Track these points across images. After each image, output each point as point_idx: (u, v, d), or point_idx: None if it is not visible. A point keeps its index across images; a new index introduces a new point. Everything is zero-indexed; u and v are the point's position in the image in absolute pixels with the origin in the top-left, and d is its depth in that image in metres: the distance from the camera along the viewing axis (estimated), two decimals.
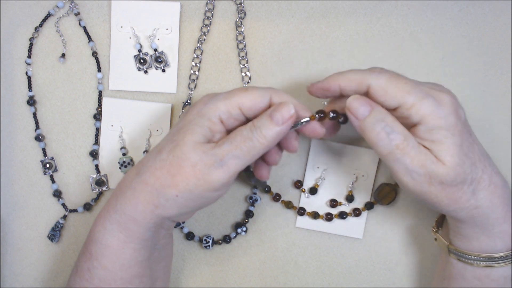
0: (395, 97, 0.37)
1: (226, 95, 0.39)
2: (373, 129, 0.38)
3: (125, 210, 0.39)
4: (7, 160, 0.52)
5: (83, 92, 0.52)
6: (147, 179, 0.39)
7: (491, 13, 0.49)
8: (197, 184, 0.37)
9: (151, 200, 0.39)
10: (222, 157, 0.37)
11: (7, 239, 0.53)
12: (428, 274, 0.51)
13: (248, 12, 0.51)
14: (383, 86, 0.38)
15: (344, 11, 0.50)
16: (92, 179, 0.52)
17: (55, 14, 0.51)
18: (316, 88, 0.41)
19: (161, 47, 0.51)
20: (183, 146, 0.37)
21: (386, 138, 0.37)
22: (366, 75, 0.38)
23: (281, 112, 0.38)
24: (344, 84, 0.39)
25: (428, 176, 0.38)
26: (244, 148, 0.37)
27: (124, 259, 0.40)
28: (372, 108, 0.38)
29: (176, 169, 0.37)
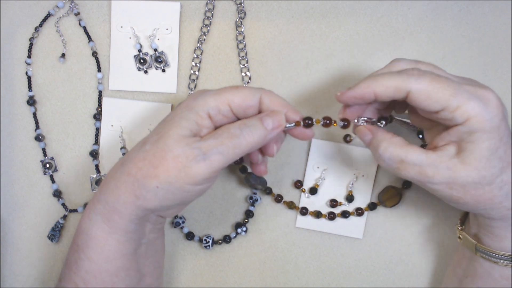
0: (438, 101, 0.36)
1: (216, 91, 0.40)
2: (374, 156, 0.40)
3: (108, 200, 0.40)
4: (7, 160, 0.52)
5: (83, 92, 0.52)
6: (129, 170, 0.39)
7: (491, 13, 0.49)
8: (178, 176, 0.37)
9: (132, 191, 0.38)
10: (206, 151, 0.37)
11: (7, 239, 0.53)
12: (428, 274, 0.51)
13: (248, 12, 0.51)
14: (425, 90, 0.36)
15: (344, 11, 0.50)
16: (92, 179, 0.52)
17: (55, 14, 0.51)
18: (347, 97, 0.39)
19: (161, 47, 0.51)
20: (167, 138, 0.37)
21: (385, 164, 0.39)
22: (405, 79, 0.37)
23: (272, 119, 0.39)
24: (380, 90, 0.38)
25: (446, 182, 0.37)
26: (229, 144, 0.37)
27: (109, 251, 0.40)
28: (373, 135, 0.40)
29: (158, 160, 0.37)
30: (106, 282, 0.41)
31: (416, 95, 0.37)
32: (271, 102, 0.40)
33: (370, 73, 0.49)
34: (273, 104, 0.40)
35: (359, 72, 0.50)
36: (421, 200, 0.51)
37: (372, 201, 0.51)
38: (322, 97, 0.50)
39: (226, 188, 0.52)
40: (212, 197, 0.52)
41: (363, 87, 0.38)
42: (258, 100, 0.40)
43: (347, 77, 0.50)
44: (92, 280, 0.41)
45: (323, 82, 0.50)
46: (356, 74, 0.50)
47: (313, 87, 0.51)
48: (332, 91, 0.50)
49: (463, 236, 0.44)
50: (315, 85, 0.50)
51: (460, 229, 0.45)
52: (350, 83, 0.50)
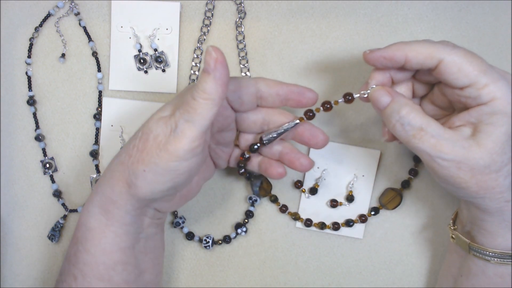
0: (468, 76, 0.36)
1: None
2: (389, 120, 0.38)
3: (104, 191, 0.40)
4: (7, 160, 0.52)
5: (83, 92, 0.52)
6: (122, 159, 0.39)
7: (491, 13, 0.49)
8: (160, 155, 0.37)
9: (124, 179, 0.39)
10: (176, 124, 0.37)
11: (7, 239, 0.53)
12: (428, 274, 0.51)
13: (248, 12, 0.51)
14: (458, 62, 0.36)
15: (344, 11, 0.50)
16: (92, 179, 0.52)
17: (55, 14, 0.51)
18: (376, 56, 0.38)
19: (161, 47, 0.51)
20: (149, 121, 0.38)
21: (402, 130, 0.38)
22: (439, 48, 0.36)
23: (207, 60, 0.36)
24: (411, 55, 0.37)
25: (457, 161, 0.36)
26: (190, 109, 0.36)
27: (106, 243, 0.41)
28: (392, 98, 0.38)
29: (143, 144, 0.38)
30: (103, 275, 0.41)
31: (448, 66, 0.36)
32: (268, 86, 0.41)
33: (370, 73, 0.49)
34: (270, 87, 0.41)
35: (359, 72, 0.50)
36: (421, 201, 0.51)
37: (374, 206, 0.51)
38: (322, 97, 0.50)
39: (226, 188, 0.52)
40: (212, 197, 0.52)
41: (395, 48, 0.38)
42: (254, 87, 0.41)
43: (347, 77, 0.50)
44: (89, 272, 0.41)
45: (323, 82, 0.50)
46: (356, 74, 0.50)
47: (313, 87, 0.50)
48: (333, 91, 0.50)
49: (456, 236, 0.44)
50: (315, 85, 0.50)
51: (453, 229, 0.45)
52: (350, 83, 0.50)
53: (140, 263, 0.43)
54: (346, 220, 0.51)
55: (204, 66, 0.36)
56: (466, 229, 0.43)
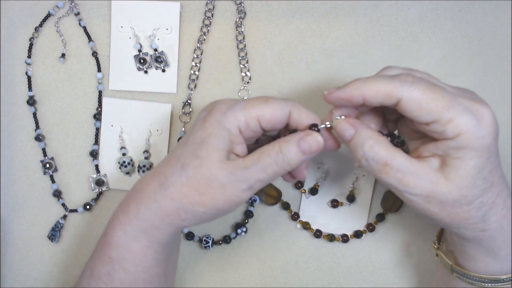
0: (430, 113, 0.34)
1: (245, 105, 0.38)
2: (355, 155, 0.37)
3: (149, 220, 0.39)
4: (7, 160, 0.52)
5: (83, 92, 0.52)
6: (173, 195, 0.38)
7: (491, 13, 0.49)
8: (225, 203, 0.38)
9: (178, 215, 0.39)
10: (249, 180, 0.38)
11: (7, 239, 0.53)
12: (428, 274, 0.51)
13: (248, 12, 0.51)
14: (417, 100, 0.34)
15: (344, 11, 0.50)
16: (92, 179, 0.52)
17: (55, 14, 0.51)
18: (335, 97, 0.37)
19: (161, 47, 0.51)
20: (210, 166, 0.37)
21: (367, 165, 0.36)
22: (397, 86, 0.35)
23: (309, 143, 0.37)
24: (369, 94, 0.35)
25: (425, 195, 0.35)
26: (270, 173, 0.38)
27: (146, 261, 0.41)
28: (356, 130, 0.37)
29: (205, 188, 0.38)
30: None
31: (407, 104, 0.34)
32: (299, 116, 0.39)
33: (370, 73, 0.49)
34: (301, 118, 0.39)
35: (359, 72, 0.50)
36: None
37: (378, 212, 0.51)
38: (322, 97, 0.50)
39: None
40: None
41: (352, 88, 0.36)
42: (287, 115, 0.39)
43: (347, 77, 0.50)
44: None
45: (323, 82, 0.50)
46: (356, 74, 0.50)
47: (313, 87, 0.51)
48: None
49: (440, 255, 0.43)
50: (315, 85, 0.50)
51: (436, 247, 0.44)
52: None
53: (167, 268, 0.44)
54: (355, 231, 0.51)
55: (301, 142, 0.37)
56: (450, 248, 0.43)
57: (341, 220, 0.51)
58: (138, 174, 0.51)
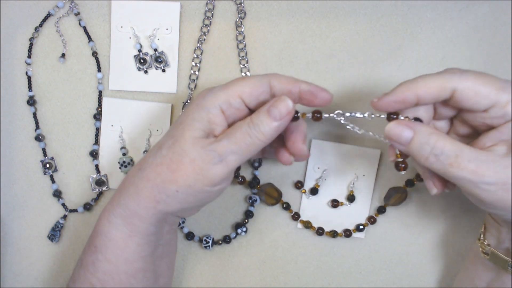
0: (487, 97, 0.34)
1: (225, 85, 0.39)
2: (420, 155, 0.36)
3: (128, 205, 0.40)
4: (7, 160, 0.52)
5: (83, 92, 0.52)
6: (148, 175, 0.39)
7: (491, 13, 0.49)
8: (196, 179, 0.37)
9: (152, 196, 0.39)
10: (221, 153, 0.37)
11: (7, 239, 0.53)
12: (428, 274, 0.52)
13: (248, 12, 0.50)
14: (472, 87, 0.34)
15: (344, 11, 0.50)
16: (92, 179, 0.52)
17: (55, 14, 0.51)
18: (387, 103, 0.37)
19: (161, 47, 0.51)
20: (182, 142, 0.38)
21: (436, 161, 0.35)
22: (448, 78, 0.35)
23: (279, 108, 0.37)
24: (422, 92, 0.35)
25: (502, 183, 0.34)
26: (243, 144, 0.37)
27: (128, 253, 0.40)
28: (415, 131, 0.36)
29: (176, 164, 0.38)
30: (124, 283, 0.41)
31: (463, 93, 0.35)
32: (281, 83, 0.39)
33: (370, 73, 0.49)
34: (283, 84, 0.38)
35: (359, 72, 0.50)
36: (422, 201, 0.51)
37: (379, 205, 0.51)
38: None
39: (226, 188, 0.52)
40: None
41: (404, 89, 0.36)
42: (268, 86, 0.39)
43: (347, 77, 0.50)
44: (109, 281, 0.41)
45: (323, 82, 0.50)
46: (356, 74, 0.50)
47: None
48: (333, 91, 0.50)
49: (492, 253, 0.41)
50: None
51: (486, 244, 0.42)
52: (351, 83, 0.50)
53: (157, 268, 0.43)
54: (356, 225, 0.51)
55: (271, 109, 0.37)
56: (505, 246, 0.41)
57: (342, 220, 0.51)
58: None
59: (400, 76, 0.50)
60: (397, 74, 0.50)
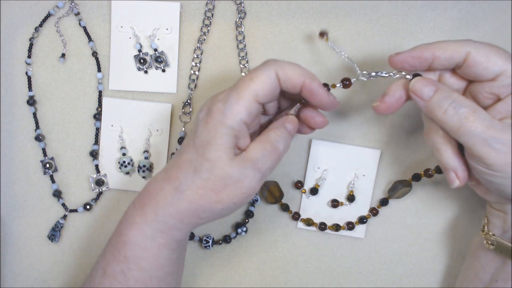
0: (496, 64, 0.37)
1: (237, 95, 0.39)
2: (440, 106, 0.38)
3: (168, 222, 0.40)
4: (7, 160, 0.52)
5: (83, 92, 0.52)
6: (190, 198, 0.39)
7: (491, 13, 0.49)
8: (242, 197, 0.39)
9: (196, 215, 0.40)
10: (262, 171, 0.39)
11: (7, 239, 0.53)
12: (428, 274, 0.51)
13: (248, 12, 0.50)
14: (485, 52, 0.37)
15: (344, 11, 0.50)
16: (92, 179, 0.52)
17: (55, 14, 0.51)
18: (404, 57, 0.39)
19: (161, 47, 0.51)
20: (222, 165, 0.38)
21: (455, 114, 0.37)
22: (464, 42, 0.38)
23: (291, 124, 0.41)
24: (439, 52, 0.38)
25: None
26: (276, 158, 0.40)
27: (162, 259, 0.42)
28: (437, 87, 0.38)
29: (221, 187, 0.39)
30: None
31: (476, 57, 0.37)
32: (286, 75, 0.39)
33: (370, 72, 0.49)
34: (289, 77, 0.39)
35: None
36: (422, 201, 0.51)
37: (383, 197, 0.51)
38: None
39: None
40: None
41: (422, 47, 0.39)
42: (276, 78, 0.39)
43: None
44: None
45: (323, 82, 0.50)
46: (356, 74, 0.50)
47: None
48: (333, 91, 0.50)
49: (498, 243, 0.42)
50: None
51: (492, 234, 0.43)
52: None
53: (179, 265, 0.45)
54: (360, 217, 0.51)
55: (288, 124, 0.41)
56: (509, 235, 0.42)
57: (342, 220, 0.51)
58: (138, 174, 0.51)
59: None
60: None
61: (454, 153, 0.39)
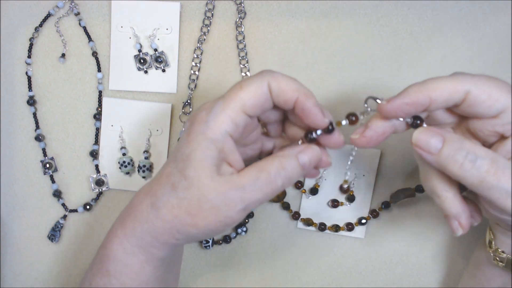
0: (499, 100, 0.33)
1: (223, 104, 0.35)
2: (455, 161, 0.33)
3: (145, 238, 0.38)
4: (7, 160, 0.52)
5: (83, 92, 0.52)
6: (164, 216, 0.36)
7: (491, 13, 0.49)
8: (218, 225, 0.35)
9: (171, 235, 0.37)
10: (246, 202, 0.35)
11: (7, 239, 0.53)
12: (428, 274, 0.51)
13: (248, 12, 0.50)
14: (485, 89, 0.33)
15: (344, 11, 0.50)
16: (92, 179, 0.52)
17: (55, 14, 0.51)
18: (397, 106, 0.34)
19: (161, 47, 0.51)
20: (200, 186, 0.34)
21: (472, 167, 0.33)
22: (461, 79, 0.33)
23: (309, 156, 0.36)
24: (436, 94, 0.33)
25: None
26: (269, 192, 0.35)
27: (144, 277, 0.39)
28: (445, 137, 0.34)
29: (196, 210, 0.35)
30: None
31: (477, 95, 0.33)
32: (280, 89, 0.35)
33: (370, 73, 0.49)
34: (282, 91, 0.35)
35: (359, 72, 0.50)
36: (422, 201, 0.51)
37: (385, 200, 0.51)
38: (322, 97, 0.50)
39: None
40: None
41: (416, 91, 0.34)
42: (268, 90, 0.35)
43: (347, 77, 0.50)
44: None
45: (323, 82, 0.50)
46: (356, 74, 0.50)
47: (313, 87, 0.50)
48: (333, 91, 0.50)
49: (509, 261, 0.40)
50: (316, 85, 0.50)
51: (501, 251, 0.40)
52: (351, 83, 0.50)
53: (167, 281, 0.43)
54: (359, 218, 0.51)
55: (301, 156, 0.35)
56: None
57: (342, 220, 0.51)
58: (138, 174, 0.51)
59: (400, 76, 0.50)
60: (397, 74, 0.50)
61: (456, 199, 0.36)
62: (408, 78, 0.50)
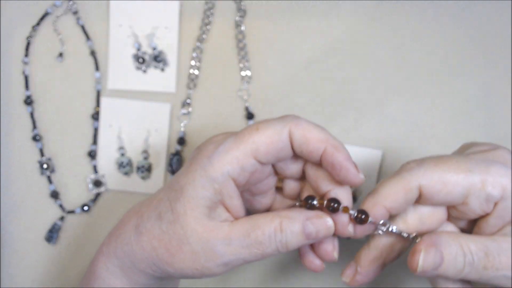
0: (458, 184, 0.30)
1: (234, 142, 0.32)
2: (456, 270, 0.31)
3: (124, 260, 0.35)
4: (4, 160, 0.52)
5: (81, 92, 0.51)
6: (143, 244, 0.34)
7: (491, 13, 0.49)
8: (194, 272, 0.33)
9: (148, 266, 0.34)
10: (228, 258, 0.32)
11: (4, 241, 0.52)
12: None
13: (248, 11, 0.50)
14: (438, 179, 0.30)
15: (344, 10, 0.50)
16: (90, 180, 0.51)
17: (52, 12, 0.51)
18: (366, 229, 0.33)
19: (160, 46, 0.50)
20: (184, 225, 0.32)
21: (470, 268, 0.30)
22: (408, 176, 0.31)
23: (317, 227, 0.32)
24: (391, 204, 0.31)
25: None
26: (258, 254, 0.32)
27: None
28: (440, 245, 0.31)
29: (175, 249, 0.32)
30: None
31: (432, 188, 0.30)
32: (303, 137, 0.31)
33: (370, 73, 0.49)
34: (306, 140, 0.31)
35: (359, 72, 0.50)
36: None
37: None
38: (323, 97, 0.50)
39: None
40: None
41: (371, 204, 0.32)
42: (288, 138, 0.31)
43: (347, 77, 0.50)
44: None
45: (324, 81, 0.50)
46: (356, 74, 0.50)
47: (313, 87, 0.50)
48: (333, 91, 0.50)
49: None
50: (316, 85, 0.50)
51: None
52: (351, 83, 0.50)
53: None
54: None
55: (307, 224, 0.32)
56: None
57: None
58: (136, 174, 0.51)
59: (400, 76, 0.50)
60: (397, 74, 0.50)
61: None
62: (408, 78, 0.50)
